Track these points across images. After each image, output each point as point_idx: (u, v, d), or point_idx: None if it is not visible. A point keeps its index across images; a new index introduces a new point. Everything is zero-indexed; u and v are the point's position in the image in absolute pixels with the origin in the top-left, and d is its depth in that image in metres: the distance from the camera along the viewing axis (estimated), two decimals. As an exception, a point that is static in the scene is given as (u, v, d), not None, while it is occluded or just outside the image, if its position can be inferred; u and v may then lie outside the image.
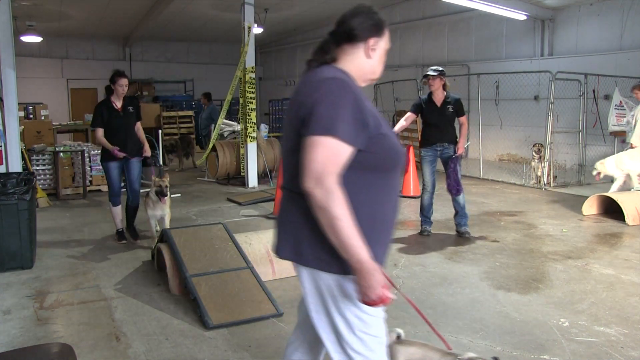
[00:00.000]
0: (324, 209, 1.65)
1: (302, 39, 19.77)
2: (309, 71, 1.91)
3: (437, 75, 5.65)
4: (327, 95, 1.71)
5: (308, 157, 1.68)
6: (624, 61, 10.12)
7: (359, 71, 1.90)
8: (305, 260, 1.81)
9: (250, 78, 9.14)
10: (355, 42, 1.88)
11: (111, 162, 5.51)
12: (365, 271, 1.66)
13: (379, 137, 1.77)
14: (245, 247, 4.45)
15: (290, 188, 1.84)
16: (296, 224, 1.81)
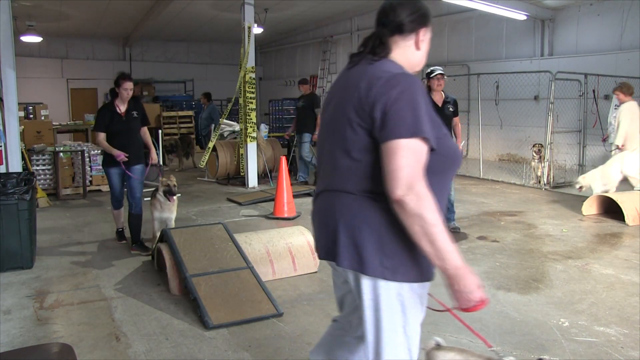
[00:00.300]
0: (418, 217, 1.56)
1: (302, 39, 19.78)
2: (362, 63, 1.79)
3: (443, 75, 5.79)
4: (405, 93, 1.62)
5: (396, 163, 1.58)
6: (624, 61, 10.12)
7: (409, 64, 1.82)
8: (368, 268, 1.69)
9: (250, 78, 9.13)
10: (405, 33, 1.80)
11: (113, 167, 5.32)
12: (462, 276, 1.60)
13: (444, 138, 1.72)
14: (245, 247, 4.45)
15: (349, 191, 1.74)
16: (360, 229, 1.70)
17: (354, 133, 1.70)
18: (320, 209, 1.87)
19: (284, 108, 18.43)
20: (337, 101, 1.81)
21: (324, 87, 18.65)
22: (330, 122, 1.83)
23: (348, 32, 17.51)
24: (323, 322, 3.64)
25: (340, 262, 1.73)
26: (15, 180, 5.00)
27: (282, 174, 6.97)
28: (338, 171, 1.76)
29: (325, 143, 1.86)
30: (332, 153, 1.78)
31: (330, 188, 1.80)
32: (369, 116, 1.65)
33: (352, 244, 1.71)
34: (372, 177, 1.68)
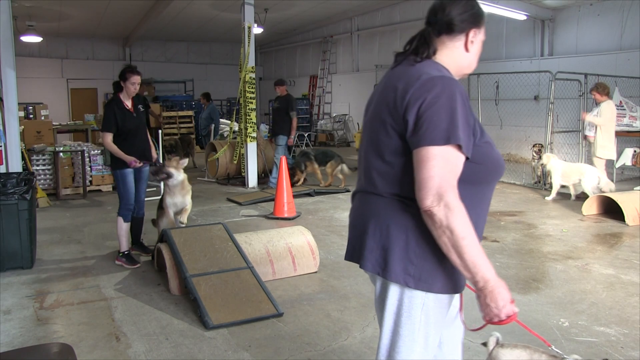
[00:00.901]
0: (447, 228, 1.50)
1: (302, 39, 19.78)
2: (404, 63, 1.72)
3: None
4: (442, 97, 1.54)
5: (426, 172, 1.52)
6: (624, 61, 10.12)
7: (456, 66, 1.73)
8: (392, 275, 1.64)
9: (250, 78, 9.14)
10: (454, 33, 1.70)
11: (127, 168, 4.84)
12: (492, 289, 1.54)
13: (485, 146, 1.64)
14: (245, 247, 4.45)
15: (379, 193, 1.69)
16: (387, 233, 1.65)
17: (387, 135, 1.64)
18: (353, 210, 1.85)
19: (284, 108, 18.41)
20: (376, 102, 1.75)
21: (324, 87, 18.66)
22: (369, 124, 1.77)
23: (348, 32, 17.52)
24: (323, 322, 3.64)
25: (364, 265, 1.70)
26: (15, 180, 5.00)
27: (282, 174, 6.97)
28: (371, 173, 1.72)
29: (363, 144, 1.81)
30: (367, 154, 1.74)
31: (363, 190, 1.78)
32: (402, 119, 1.59)
33: (377, 248, 1.67)
34: (403, 181, 1.63)
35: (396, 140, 1.63)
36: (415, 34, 1.75)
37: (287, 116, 8.82)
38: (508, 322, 1.58)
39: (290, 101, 8.96)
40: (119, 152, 4.79)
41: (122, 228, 4.96)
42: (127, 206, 4.94)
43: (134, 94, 4.94)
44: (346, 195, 8.50)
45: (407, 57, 1.72)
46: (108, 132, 4.80)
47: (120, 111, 4.83)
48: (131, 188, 4.93)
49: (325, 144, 17.29)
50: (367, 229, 1.69)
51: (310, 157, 8.80)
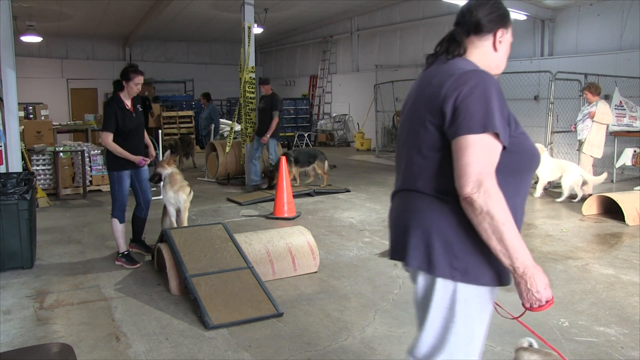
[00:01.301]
0: (487, 214, 1.54)
1: (302, 39, 19.78)
2: (437, 63, 1.79)
3: None
4: (477, 88, 1.60)
5: (465, 159, 1.56)
6: (624, 61, 10.12)
7: (486, 65, 1.78)
8: (438, 270, 1.67)
9: (250, 78, 9.13)
10: (482, 33, 1.77)
11: (124, 170, 4.82)
12: (531, 274, 1.59)
13: (520, 137, 1.69)
14: (245, 247, 4.45)
15: (420, 190, 1.72)
16: (429, 230, 1.68)
17: (425, 130, 1.69)
18: (395, 209, 1.86)
19: (284, 108, 18.42)
20: (412, 101, 1.81)
21: (324, 87, 18.66)
22: (406, 123, 1.83)
23: (348, 32, 17.52)
24: (323, 322, 3.65)
25: (408, 262, 1.72)
26: (15, 180, 5.00)
27: (282, 173, 6.98)
28: (411, 170, 1.76)
29: (402, 144, 1.85)
30: (408, 153, 1.77)
31: (404, 187, 1.80)
32: (440, 111, 1.64)
33: (421, 244, 1.69)
34: (442, 175, 1.66)
35: (434, 135, 1.67)
36: (445, 36, 1.83)
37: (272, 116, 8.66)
38: (547, 308, 1.61)
39: (275, 101, 8.74)
40: (123, 152, 4.75)
41: (118, 230, 4.93)
42: (121, 207, 4.92)
43: (135, 94, 4.91)
44: (346, 195, 8.50)
45: (438, 57, 1.79)
46: (109, 131, 4.74)
47: (121, 111, 4.79)
48: (126, 190, 4.90)
49: (325, 144, 17.30)
50: (410, 226, 1.72)
51: (289, 159, 8.42)
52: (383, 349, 3.26)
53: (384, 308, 3.90)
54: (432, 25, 14.40)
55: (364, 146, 15.81)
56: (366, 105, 16.04)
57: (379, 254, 5.22)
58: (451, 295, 1.68)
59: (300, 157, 8.69)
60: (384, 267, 4.87)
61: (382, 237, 5.93)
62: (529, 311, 1.65)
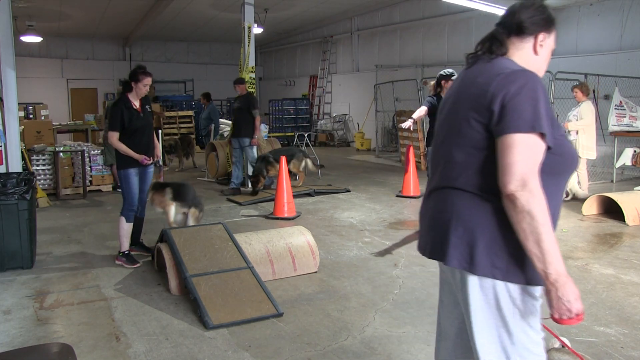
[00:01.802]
0: (527, 213, 1.53)
1: (302, 39, 19.78)
2: (480, 62, 1.79)
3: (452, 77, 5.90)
4: (525, 88, 1.61)
5: (511, 157, 1.57)
6: (624, 61, 10.12)
7: (525, 67, 1.75)
8: (480, 269, 1.65)
9: (250, 78, 9.13)
10: (524, 35, 1.78)
11: (133, 169, 4.88)
12: (564, 283, 1.54)
13: (561, 139, 1.69)
14: (245, 247, 4.45)
15: (461, 188, 1.71)
16: (471, 228, 1.67)
17: (470, 128, 1.69)
18: (431, 207, 1.84)
19: (284, 108, 18.44)
20: (454, 99, 1.81)
21: (324, 87, 18.67)
22: (446, 121, 1.82)
23: (348, 32, 17.52)
24: (323, 322, 3.65)
25: (449, 261, 1.70)
26: (15, 180, 5.00)
27: (282, 173, 6.98)
28: (452, 168, 1.75)
29: (441, 143, 1.84)
30: (448, 151, 1.77)
31: (443, 185, 1.78)
32: (487, 110, 1.64)
33: (462, 243, 1.68)
34: (486, 173, 1.66)
35: (480, 133, 1.67)
36: (486, 35, 1.84)
37: (250, 116, 8.43)
38: (576, 322, 1.57)
39: (252, 100, 8.57)
40: (128, 150, 4.81)
41: (123, 228, 4.96)
42: (131, 207, 4.95)
43: (144, 95, 4.99)
44: (346, 195, 8.50)
45: (480, 57, 1.81)
46: (114, 131, 4.82)
47: (128, 111, 4.85)
48: (135, 189, 4.95)
49: (325, 144, 17.30)
50: (449, 225, 1.71)
51: (269, 160, 8.27)
52: (383, 349, 3.26)
53: (384, 308, 3.90)
54: (432, 25, 14.40)
55: (364, 146, 15.81)
56: (366, 105, 16.04)
57: (376, 254, 5.22)
58: (493, 294, 1.67)
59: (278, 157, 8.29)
60: (384, 267, 4.87)
61: (382, 237, 5.94)
62: (557, 323, 1.59)
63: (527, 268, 1.64)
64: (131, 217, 4.99)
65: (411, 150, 8.78)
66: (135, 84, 4.88)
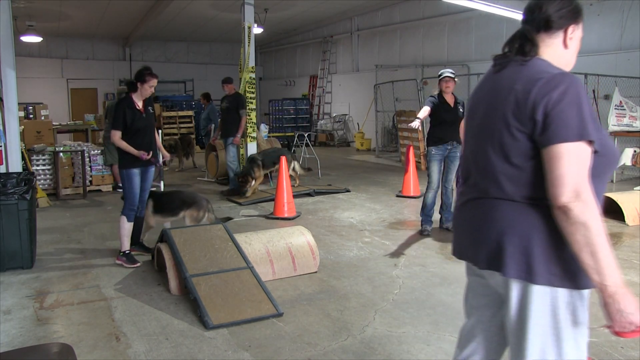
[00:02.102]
0: (582, 225, 1.48)
1: (302, 39, 19.78)
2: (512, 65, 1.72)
3: (452, 78, 5.86)
4: (568, 94, 1.55)
5: (561, 169, 1.52)
6: (624, 61, 10.12)
7: (556, 64, 1.70)
8: (539, 278, 1.61)
9: (250, 78, 9.13)
10: (553, 30, 1.71)
11: (135, 168, 4.91)
12: (622, 295, 1.48)
13: (604, 138, 1.64)
14: (245, 247, 4.45)
15: (510, 198, 1.66)
16: (527, 236, 1.63)
17: (512, 138, 1.63)
18: (474, 218, 1.78)
19: (284, 108, 18.44)
20: (487, 106, 1.74)
21: (324, 87, 18.67)
22: (482, 127, 1.75)
23: (348, 32, 17.52)
24: (323, 322, 3.65)
25: (506, 272, 1.65)
26: (15, 180, 5.00)
27: (282, 173, 6.98)
28: (496, 178, 1.69)
29: (477, 150, 1.78)
30: (487, 160, 1.71)
31: (486, 196, 1.73)
32: (530, 119, 1.59)
33: (519, 253, 1.63)
34: (534, 183, 1.62)
35: (524, 143, 1.62)
36: (514, 35, 1.76)
37: (238, 115, 8.39)
38: (636, 335, 1.51)
39: (240, 100, 8.50)
40: (128, 147, 4.85)
41: (124, 227, 4.97)
42: (132, 206, 4.97)
43: (148, 95, 5.04)
44: (346, 195, 8.50)
45: (511, 59, 1.73)
46: (117, 130, 4.85)
47: (131, 111, 4.89)
48: (136, 188, 4.97)
49: (325, 144, 17.30)
50: (503, 235, 1.66)
51: (257, 162, 8.17)
52: (383, 349, 3.26)
53: (384, 308, 3.90)
54: (432, 25, 14.40)
55: (364, 146, 15.81)
56: (366, 105, 16.04)
57: (389, 255, 5.21)
58: (551, 302, 1.63)
59: (266, 160, 8.34)
60: (384, 267, 4.87)
61: (382, 237, 5.94)
62: (617, 336, 1.54)
63: (580, 272, 1.60)
64: (132, 216, 5.00)
65: (411, 150, 8.78)
66: (141, 85, 4.93)
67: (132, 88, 4.97)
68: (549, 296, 1.63)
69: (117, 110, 4.92)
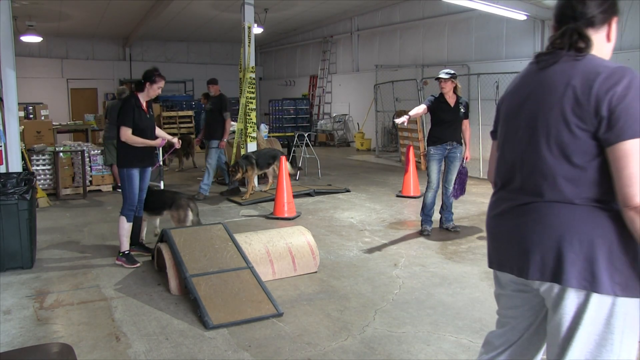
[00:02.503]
0: None
1: (302, 39, 19.79)
2: (563, 61, 1.65)
3: (448, 79, 5.80)
4: (632, 88, 1.50)
5: (632, 167, 1.46)
6: (624, 61, 10.11)
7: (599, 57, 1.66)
8: (602, 287, 1.54)
9: (250, 78, 9.13)
10: (597, 25, 1.67)
11: (135, 168, 4.91)
12: None
13: None
14: (245, 247, 4.45)
15: (570, 201, 1.59)
16: (590, 242, 1.55)
17: (573, 137, 1.56)
18: (523, 225, 1.69)
19: (284, 108, 18.45)
20: (537, 103, 1.66)
21: (324, 87, 18.67)
22: (532, 127, 1.68)
23: (348, 32, 17.52)
24: (323, 322, 3.65)
25: (567, 282, 1.57)
26: (15, 180, 5.00)
27: (282, 174, 6.98)
28: (553, 180, 1.61)
29: (525, 151, 1.70)
30: (541, 161, 1.63)
31: (539, 200, 1.64)
32: (593, 116, 1.52)
33: (580, 260, 1.55)
34: (599, 184, 1.55)
35: (586, 141, 1.55)
36: (563, 31, 1.69)
37: (221, 117, 8.17)
38: None
39: (224, 101, 8.26)
40: (145, 141, 4.88)
41: (124, 227, 4.97)
42: (131, 206, 4.96)
43: (154, 96, 5.06)
44: (346, 195, 8.50)
45: (562, 55, 1.66)
46: (127, 127, 4.82)
47: (138, 109, 4.90)
48: (136, 188, 4.96)
49: (325, 144, 17.30)
50: (562, 241, 1.58)
51: (251, 161, 8.04)
52: (383, 349, 3.26)
53: (384, 308, 3.90)
54: (432, 25, 14.40)
55: (364, 146, 15.81)
56: (366, 105, 16.04)
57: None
58: (608, 310, 1.57)
59: (260, 160, 8.25)
60: (384, 267, 4.87)
61: (382, 237, 5.94)
62: None
63: None
64: (131, 216, 5.00)
65: (411, 150, 8.78)
66: (149, 85, 4.93)
67: (139, 87, 4.96)
68: (608, 305, 1.56)
69: (125, 107, 4.89)
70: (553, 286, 1.62)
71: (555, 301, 1.64)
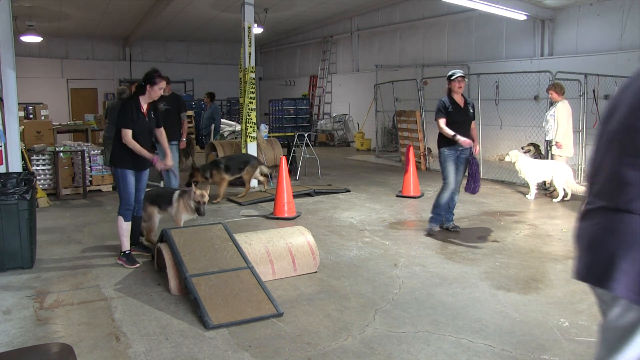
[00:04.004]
0: None
1: (302, 39, 19.79)
2: None
3: (464, 77, 5.90)
4: None
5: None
6: (624, 61, 10.12)
7: None
8: None
9: (250, 78, 9.13)
10: None
11: (129, 169, 4.89)
12: None
13: None
14: (245, 247, 4.45)
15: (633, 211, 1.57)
16: None
17: None
18: (592, 226, 1.69)
19: (284, 108, 18.44)
20: (627, 112, 1.61)
21: (324, 87, 18.67)
22: (617, 135, 1.64)
23: (348, 32, 17.52)
24: (323, 322, 3.65)
25: (613, 288, 1.57)
26: (15, 180, 5.00)
27: (282, 174, 6.98)
28: (626, 188, 1.57)
29: (607, 154, 1.67)
30: (619, 170, 1.59)
31: (612, 206, 1.62)
32: None
33: (633, 272, 1.54)
34: None
35: None
36: None
37: (178, 118, 7.83)
38: None
39: (180, 101, 8.00)
40: (142, 150, 4.81)
41: (122, 227, 4.97)
42: (128, 206, 4.96)
43: (156, 98, 5.00)
44: (346, 195, 8.50)
45: None
46: (128, 129, 4.79)
47: (136, 111, 4.87)
48: (131, 187, 4.95)
49: (325, 144, 17.30)
50: (619, 249, 1.57)
51: (219, 166, 7.91)
52: (383, 349, 3.26)
53: (384, 308, 3.90)
54: (432, 25, 14.41)
55: (364, 146, 15.81)
56: (366, 105, 16.04)
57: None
58: None
59: (231, 164, 8.11)
60: (384, 267, 4.88)
61: (382, 237, 5.94)
62: None
63: None
64: (129, 216, 4.98)
65: (411, 151, 8.78)
66: (150, 87, 4.89)
67: (140, 90, 4.93)
68: None
69: (125, 109, 4.86)
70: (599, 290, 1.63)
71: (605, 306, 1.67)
